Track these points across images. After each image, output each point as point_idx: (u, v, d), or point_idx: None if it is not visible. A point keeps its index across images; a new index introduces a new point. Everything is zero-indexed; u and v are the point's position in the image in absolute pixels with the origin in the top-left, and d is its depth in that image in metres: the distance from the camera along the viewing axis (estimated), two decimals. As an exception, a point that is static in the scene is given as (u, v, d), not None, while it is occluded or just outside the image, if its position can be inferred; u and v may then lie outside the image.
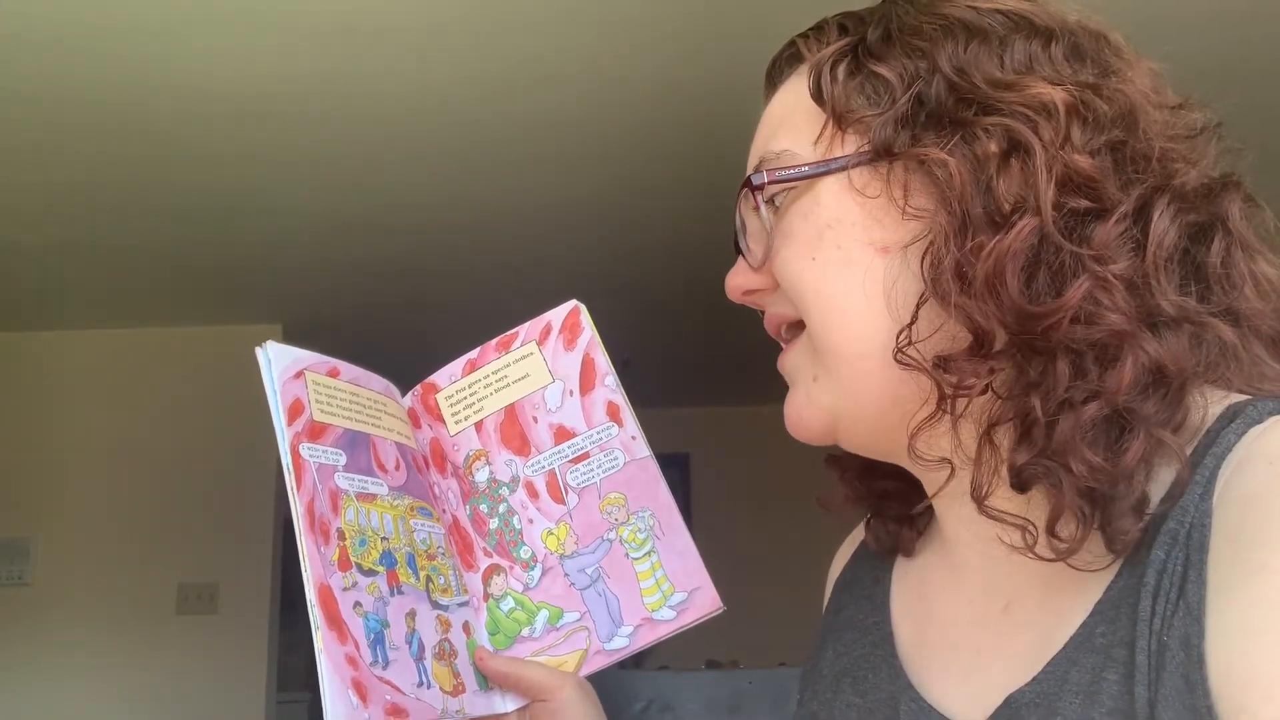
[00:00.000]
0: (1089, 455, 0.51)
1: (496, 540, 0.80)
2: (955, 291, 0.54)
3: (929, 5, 0.60)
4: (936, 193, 0.56)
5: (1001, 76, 0.56)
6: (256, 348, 0.70)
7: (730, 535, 5.08)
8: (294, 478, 0.67)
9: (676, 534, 0.80)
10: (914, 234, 0.57)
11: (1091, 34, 0.60)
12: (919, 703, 0.60)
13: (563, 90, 2.53)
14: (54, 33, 2.20)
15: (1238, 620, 0.44)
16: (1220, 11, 2.26)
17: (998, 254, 0.53)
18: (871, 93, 0.59)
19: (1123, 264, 0.53)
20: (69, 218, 3.10)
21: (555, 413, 0.81)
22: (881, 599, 0.69)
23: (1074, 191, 0.54)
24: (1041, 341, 0.53)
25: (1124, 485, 0.51)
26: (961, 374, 0.55)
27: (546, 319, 0.84)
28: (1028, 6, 0.60)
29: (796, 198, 0.61)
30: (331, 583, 0.66)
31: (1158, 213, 0.54)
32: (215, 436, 3.89)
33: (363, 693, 0.64)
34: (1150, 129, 0.56)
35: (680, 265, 3.52)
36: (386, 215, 3.17)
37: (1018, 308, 0.53)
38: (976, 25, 0.58)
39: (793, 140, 0.62)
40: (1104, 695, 0.49)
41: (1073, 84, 0.56)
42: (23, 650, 3.73)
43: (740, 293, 0.66)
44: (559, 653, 0.79)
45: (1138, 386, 0.52)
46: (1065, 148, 0.54)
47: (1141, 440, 0.51)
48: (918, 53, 0.58)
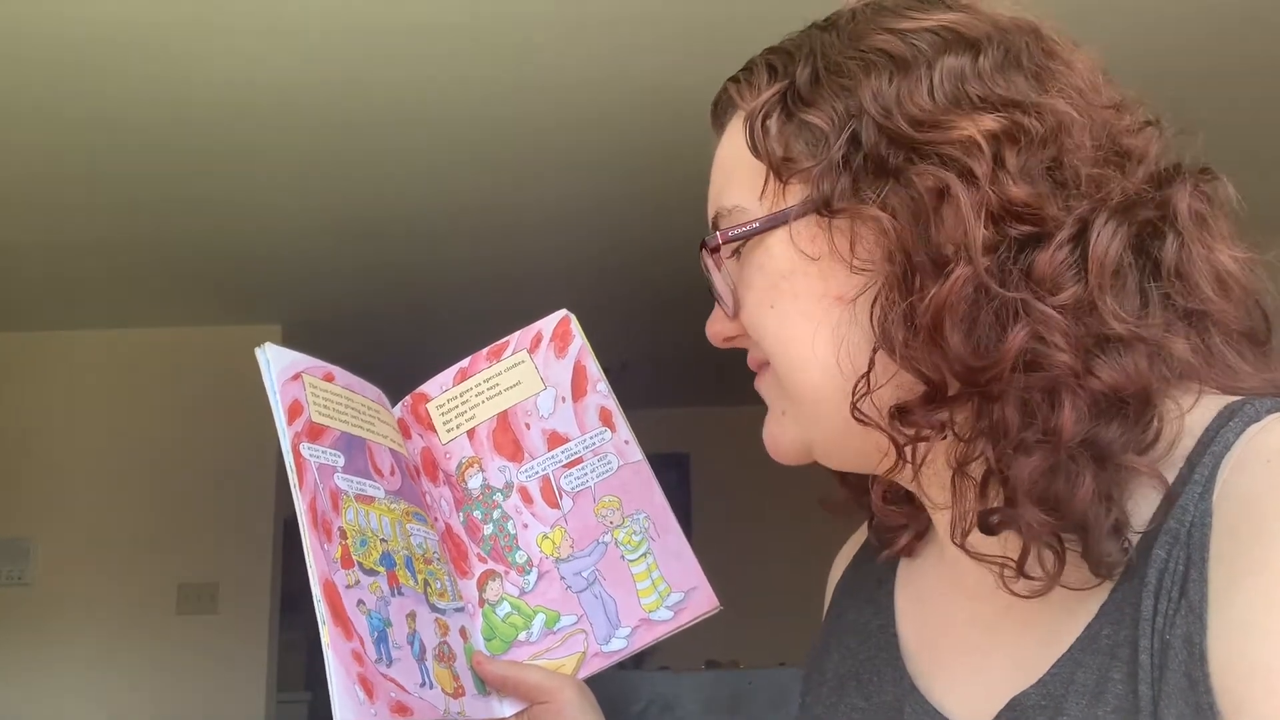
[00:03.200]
0: (1038, 509, 0.51)
1: (491, 546, 0.81)
2: (901, 343, 0.54)
3: (854, 35, 0.59)
4: (881, 243, 0.56)
5: (926, 114, 0.55)
6: (256, 349, 0.71)
7: (730, 535, 5.08)
8: (296, 475, 0.68)
9: (671, 535, 0.81)
10: (863, 285, 0.57)
11: (1024, 31, 0.58)
12: (923, 705, 0.60)
13: (563, 93, 2.52)
14: (55, 34, 2.20)
15: (1239, 618, 0.45)
16: (1222, 12, 2.26)
17: (935, 306, 0.53)
18: (807, 141, 0.58)
19: (1067, 292, 0.52)
20: (69, 218, 3.10)
21: (548, 419, 0.82)
22: (885, 602, 0.69)
23: (1014, 220, 0.53)
24: (990, 389, 0.53)
25: (1090, 517, 0.51)
26: (917, 426, 0.55)
27: (537, 328, 0.84)
28: (955, 17, 0.58)
29: (753, 249, 0.61)
30: (335, 579, 0.67)
31: (1095, 233, 0.53)
32: (215, 436, 3.89)
33: (369, 689, 0.65)
34: (1083, 140, 0.55)
35: (680, 265, 3.51)
36: (386, 216, 3.18)
37: (960, 359, 0.53)
38: (900, 55, 0.57)
39: (740, 194, 0.62)
40: (1109, 695, 0.49)
41: (1001, 105, 0.55)
42: (23, 650, 3.73)
43: (720, 339, 0.67)
44: (557, 656, 0.79)
45: (1094, 418, 0.51)
46: (998, 180, 0.53)
47: (1091, 480, 0.51)
48: (845, 92, 0.57)
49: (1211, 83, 2.43)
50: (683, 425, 5.14)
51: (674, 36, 2.28)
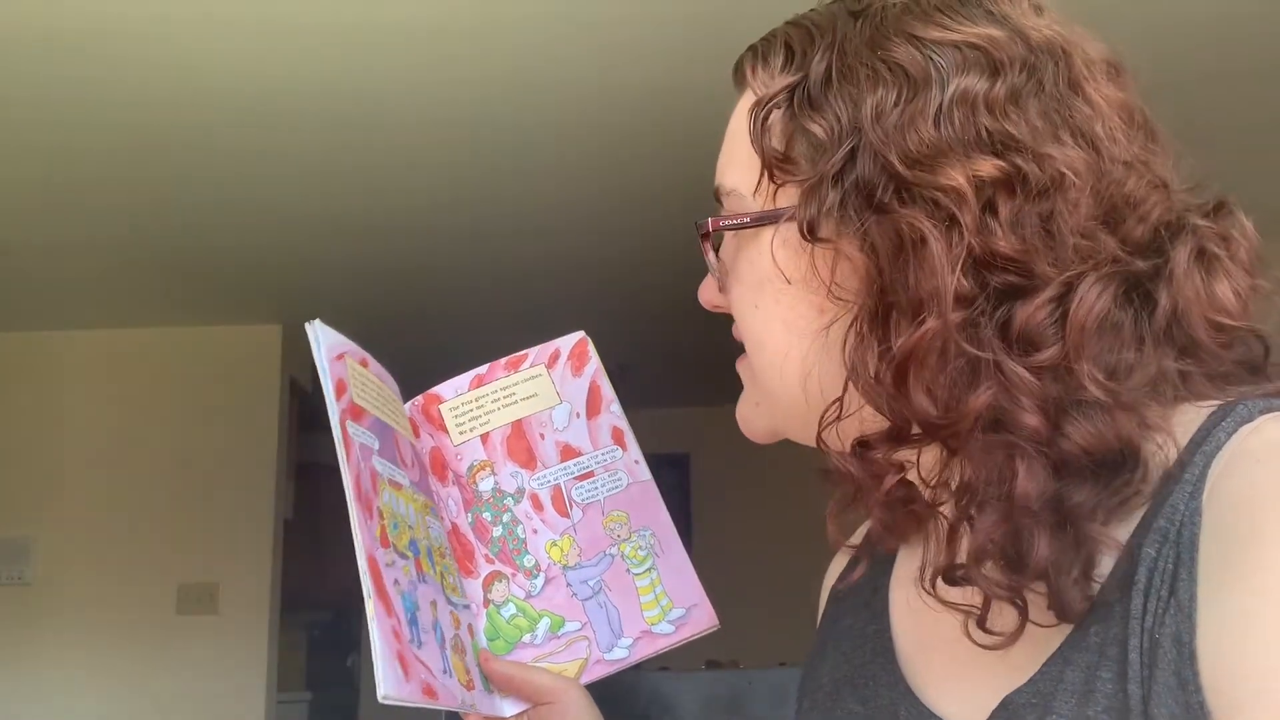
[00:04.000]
0: (997, 568, 0.51)
1: (500, 548, 0.82)
2: (869, 379, 0.54)
3: (877, 34, 0.57)
4: (859, 275, 0.55)
5: (922, 149, 0.53)
6: (306, 325, 0.72)
7: (730, 535, 5.08)
8: (344, 450, 0.68)
9: (675, 553, 0.83)
10: (839, 311, 0.56)
11: (1054, 55, 0.55)
12: (917, 708, 0.60)
13: (565, 95, 2.53)
14: (55, 34, 2.20)
15: (1228, 616, 0.45)
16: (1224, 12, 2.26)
17: (902, 354, 0.52)
18: (808, 144, 0.57)
19: (1046, 352, 0.51)
20: (69, 218, 3.10)
21: (562, 432, 0.84)
22: (880, 607, 0.69)
23: (998, 271, 0.51)
24: (950, 443, 0.52)
25: (1052, 571, 0.50)
26: (875, 463, 0.55)
27: (555, 345, 0.86)
28: (984, 34, 0.55)
29: (746, 241, 0.61)
30: (377, 556, 0.67)
31: (1078, 295, 0.51)
32: (215, 436, 3.90)
33: (405, 666, 0.65)
34: (1083, 198, 0.52)
35: (680, 266, 3.51)
36: (387, 217, 3.18)
37: (921, 410, 0.52)
38: (914, 73, 0.54)
39: (739, 178, 0.61)
40: (1098, 694, 0.49)
41: (1005, 145, 0.53)
42: (23, 650, 3.74)
43: (709, 305, 0.67)
44: (560, 660, 0.80)
45: (1064, 478, 0.51)
46: (986, 229, 0.51)
47: (1050, 542, 0.50)
48: (852, 104, 0.55)
49: (1213, 82, 2.43)
50: (683, 425, 5.14)
51: (677, 37, 2.29)
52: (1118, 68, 0.58)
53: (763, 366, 0.61)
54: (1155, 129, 0.58)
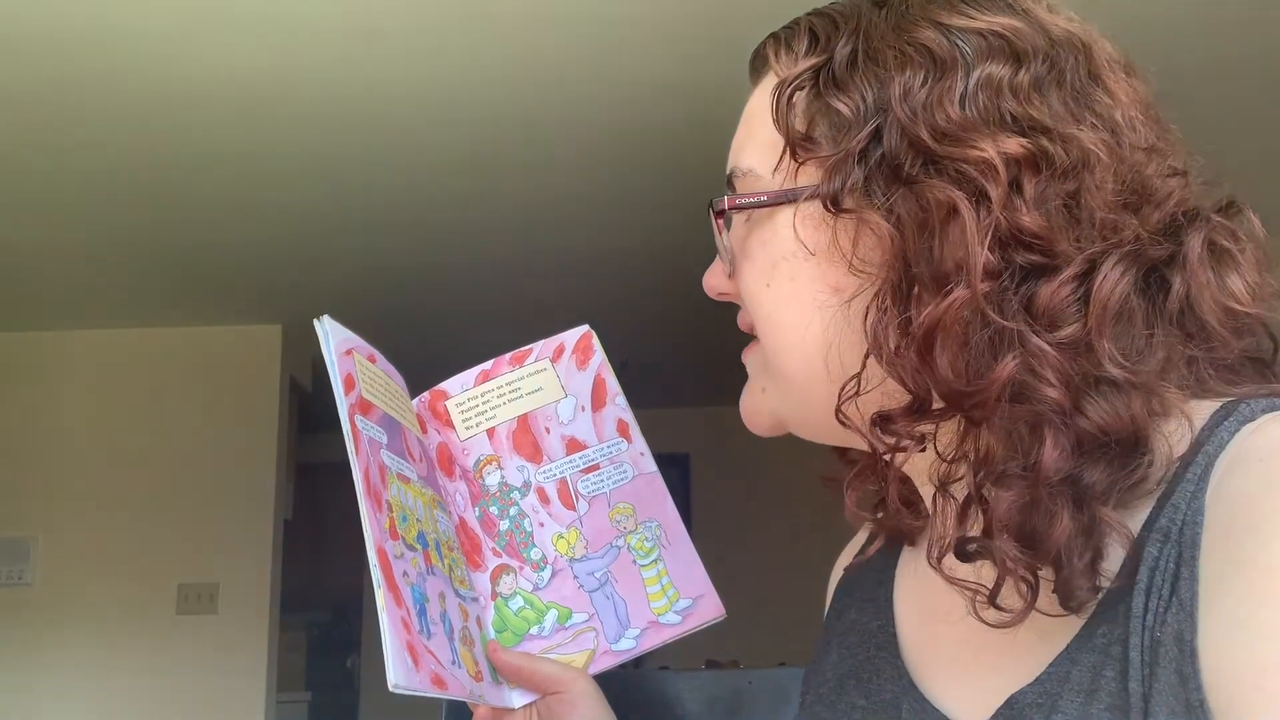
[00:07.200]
0: (1014, 543, 0.51)
1: (507, 541, 0.82)
2: (891, 352, 0.54)
3: (902, 21, 0.58)
4: (883, 247, 0.55)
5: (950, 126, 0.53)
6: (314, 320, 0.73)
7: (730, 535, 5.09)
8: (353, 443, 0.69)
9: (682, 544, 0.83)
10: (860, 285, 0.56)
11: (1074, 49, 0.57)
12: (922, 703, 0.60)
13: (564, 91, 2.53)
14: (56, 33, 2.20)
15: (1229, 615, 0.45)
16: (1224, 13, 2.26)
17: (928, 323, 0.52)
18: (831, 124, 0.57)
19: (1067, 329, 0.52)
20: (69, 218, 3.10)
21: (567, 425, 0.84)
22: (885, 601, 0.69)
23: (1022, 248, 0.52)
24: (974, 414, 0.53)
25: (1065, 554, 0.50)
26: (898, 435, 0.55)
27: (559, 340, 0.87)
28: (1008, 23, 0.56)
29: (759, 222, 0.61)
30: (386, 548, 0.68)
31: (1101, 274, 0.52)
32: (215, 436, 3.90)
33: (415, 657, 0.66)
34: (1106, 180, 0.53)
35: (681, 265, 3.52)
36: (387, 216, 3.18)
37: (946, 380, 0.52)
38: (940, 55, 0.55)
39: (757, 159, 0.61)
40: (1102, 692, 0.49)
41: (1030, 127, 0.53)
42: (23, 650, 3.74)
43: (714, 293, 0.67)
44: (567, 651, 0.80)
45: (1080, 457, 0.51)
46: (1012, 205, 0.52)
47: (1068, 520, 0.50)
48: (878, 84, 0.56)
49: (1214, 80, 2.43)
50: (683, 425, 5.15)
51: (681, 34, 2.29)
52: (1131, 67, 0.59)
53: (778, 348, 0.61)
54: (1169, 126, 0.59)
